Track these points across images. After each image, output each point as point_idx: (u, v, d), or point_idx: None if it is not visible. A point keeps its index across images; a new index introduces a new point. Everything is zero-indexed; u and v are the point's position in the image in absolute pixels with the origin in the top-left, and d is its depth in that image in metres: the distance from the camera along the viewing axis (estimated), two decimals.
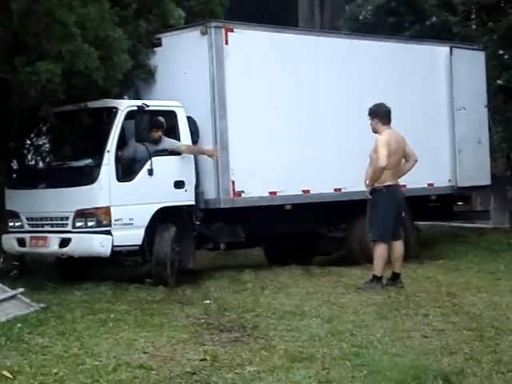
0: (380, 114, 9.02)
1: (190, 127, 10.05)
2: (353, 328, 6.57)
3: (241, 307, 7.71)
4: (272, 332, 6.55)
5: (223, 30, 10.17)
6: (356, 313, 7.27)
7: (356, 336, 6.28)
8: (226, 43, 10.17)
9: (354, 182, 11.07)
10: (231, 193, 10.22)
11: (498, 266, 10.90)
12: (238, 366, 5.46)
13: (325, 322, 6.89)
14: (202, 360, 5.65)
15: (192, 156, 10.03)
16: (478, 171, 12.96)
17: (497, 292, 8.32)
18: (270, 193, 10.65)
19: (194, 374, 5.30)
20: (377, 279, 8.78)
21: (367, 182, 8.97)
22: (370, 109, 9.17)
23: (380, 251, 8.76)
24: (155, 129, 9.67)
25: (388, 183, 8.80)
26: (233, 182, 10.22)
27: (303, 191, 10.99)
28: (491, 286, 8.92)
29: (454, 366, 5.20)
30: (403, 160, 9.09)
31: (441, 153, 12.64)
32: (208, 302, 8.20)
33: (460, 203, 13.54)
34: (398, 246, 8.94)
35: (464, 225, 15.20)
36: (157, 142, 9.70)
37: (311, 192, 11.05)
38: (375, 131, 9.05)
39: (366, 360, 5.43)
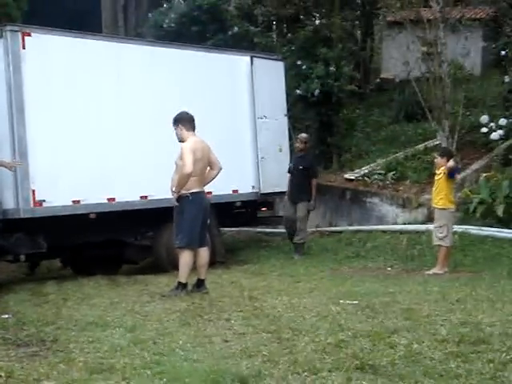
0: (183, 121, 9.07)
1: None
2: (156, 336, 6.53)
3: (41, 320, 7.44)
4: (72, 344, 6.37)
5: (20, 34, 9.84)
6: (160, 321, 7.24)
7: (158, 344, 6.25)
8: (23, 47, 9.84)
9: (159, 189, 11.07)
10: (31, 202, 9.89)
11: (298, 269, 11.31)
12: (35, 381, 5.26)
13: (127, 331, 6.80)
14: None
15: None
16: (279, 178, 13.37)
17: (296, 294, 8.60)
18: (74, 201, 10.42)
19: None
20: (182, 286, 8.81)
21: (173, 188, 8.97)
22: (174, 117, 9.20)
23: (186, 258, 8.79)
24: None
25: (194, 190, 8.84)
26: (33, 191, 9.90)
27: (108, 199, 10.85)
28: (291, 288, 9.21)
29: (251, 369, 5.29)
30: (208, 168, 9.20)
31: (244, 160, 12.95)
32: (6, 316, 7.84)
33: (263, 209, 13.94)
34: (204, 253, 9.01)
35: (268, 230, 15.66)
36: None
37: (116, 200, 10.93)
38: (180, 139, 9.07)
39: (166, 368, 5.41)
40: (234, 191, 12.77)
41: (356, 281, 9.95)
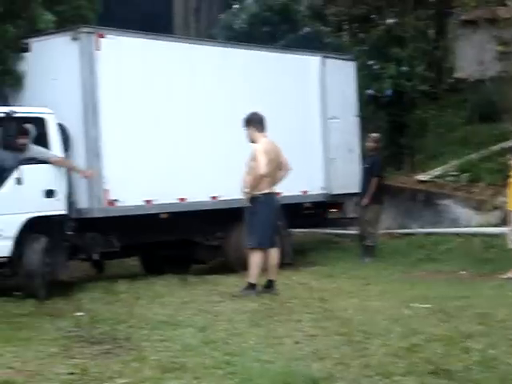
0: (255, 122, 9.10)
1: (60, 135, 9.81)
2: (226, 336, 6.56)
3: (113, 319, 7.56)
4: (144, 343, 6.45)
5: (94, 36, 9.98)
6: (230, 321, 7.27)
7: (229, 344, 6.27)
8: (98, 49, 9.99)
9: (230, 190, 11.11)
10: (105, 202, 10.02)
11: (368, 271, 11.20)
12: (108, 379, 5.35)
13: (198, 331, 6.85)
14: (70, 374, 5.50)
15: None
16: (349, 179, 13.26)
17: (366, 297, 8.53)
18: (146, 201, 10.52)
19: None
20: (252, 286, 8.82)
21: (246, 189, 8.99)
22: (245, 118, 9.22)
23: (257, 259, 8.80)
24: (19, 135, 9.37)
25: (266, 191, 8.88)
26: (106, 191, 10.03)
27: (179, 199, 10.92)
28: (361, 291, 9.14)
29: (323, 371, 5.26)
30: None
31: (314, 161, 12.88)
32: (80, 314, 7.99)
33: (333, 210, 13.84)
34: (274, 254, 9.02)
35: (337, 231, 15.55)
36: (22, 149, 9.41)
37: (187, 200, 10.99)
38: (251, 140, 9.10)
39: (237, 368, 5.42)
40: (304, 192, 12.71)
41: (428, 284, 9.82)
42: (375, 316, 7.24)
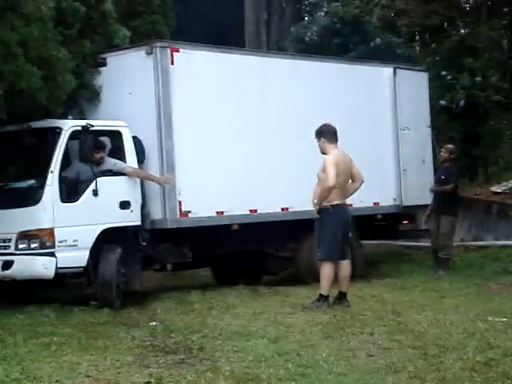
0: (326, 134, 9.10)
1: (135, 147, 9.99)
2: (299, 348, 6.56)
3: (187, 328, 7.64)
4: (218, 353, 6.50)
5: (169, 50, 10.16)
6: (302, 332, 7.27)
7: (302, 356, 6.26)
8: (172, 63, 10.16)
9: (300, 201, 11.12)
10: (178, 213, 10.16)
11: (442, 284, 11.03)
12: None
13: (271, 342, 6.87)
14: (146, 383, 5.59)
15: None
16: (422, 190, 13.11)
17: (441, 310, 8.40)
18: (218, 212, 10.62)
19: None
20: (323, 298, 8.80)
21: (315, 201, 8.99)
22: (317, 129, 9.23)
23: (327, 270, 8.78)
24: (97, 150, 9.59)
25: (335, 202, 8.85)
26: (179, 202, 10.17)
27: (250, 211, 10.99)
28: (435, 304, 9.00)
29: None
30: (350, 180, 9.16)
31: (386, 172, 12.79)
32: (154, 323, 8.11)
33: (405, 222, 13.70)
34: (346, 266, 8.98)
35: (410, 243, 15.37)
36: (99, 162, 9.62)
37: (258, 212, 11.06)
38: (323, 152, 9.09)
39: (311, 380, 5.42)
40: (375, 203, 12.62)
41: (504, 298, 9.60)
42: (450, 329, 7.13)
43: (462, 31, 15.98)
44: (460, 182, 14.41)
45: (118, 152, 9.93)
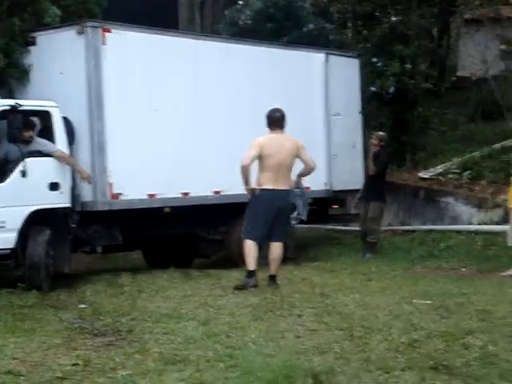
0: (266, 120, 9.24)
1: (65, 128, 9.86)
2: (228, 330, 6.61)
3: (116, 311, 7.62)
4: (147, 335, 6.50)
5: (100, 30, 10.02)
6: (232, 314, 7.32)
7: (231, 337, 6.32)
8: (104, 43, 10.03)
9: (232, 184, 11.16)
10: (109, 195, 10.08)
11: (369, 267, 11.23)
12: (111, 370, 5.40)
13: (201, 324, 6.90)
14: (73, 365, 5.56)
15: None
16: (351, 175, 13.31)
17: (368, 292, 8.57)
18: (149, 195, 10.58)
19: (65, 379, 5.22)
20: (249, 274, 8.89)
21: (244, 185, 9.08)
22: None
23: (246, 248, 8.94)
24: (26, 128, 9.43)
25: (264, 186, 8.96)
26: (110, 185, 10.08)
27: (182, 194, 10.98)
28: (363, 286, 9.17)
29: (324, 365, 5.31)
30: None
31: (317, 157, 12.83)
32: (83, 306, 8.07)
33: (335, 206, 13.89)
34: (275, 248, 9.09)
35: (339, 227, 15.60)
36: (28, 142, 9.47)
37: (190, 195, 11.06)
38: None
39: (239, 361, 5.47)
40: (306, 188, 12.70)
41: (429, 281, 9.85)
42: (376, 311, 7.28)
43: (393, 19, 16.18)
44: (389, 167, 14.67)
45: (47, 133, 9.76)
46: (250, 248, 8.92)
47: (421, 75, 16.23)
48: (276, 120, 9.18)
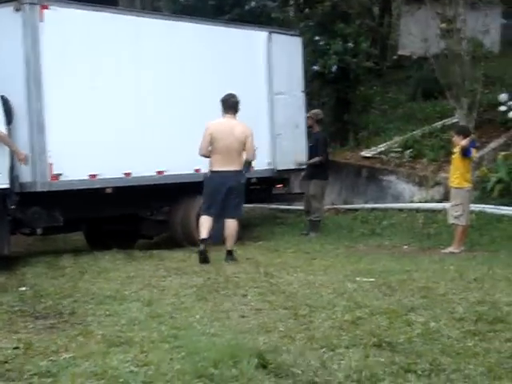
0: (221, 104, 9.61)
1: (3, 107, 9.61)
2: (172, 310, 6.56)
3: (58, 293, 7.49)
4: (90, 317, 6.42)
5: (38, 7, 9.76)
6: (176, 295, 7.27)
7: (175, 318, 6.28)
8: (41, 20, 9.78)
9: (175, 164, 11.10)
10: (48, 176, 9.88)
11: (313, 246, 11.31)
12: (53, 353, 5.30)
13: (145, 305, 6.84)
14: (14, 348, 5.44)
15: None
16: (295, 155, 13.32)
17: (312, 271, 8.61)
18: (90, 176, 10.40)
19: (6, 362, 5.10)
20: (201, 241, 9.45)
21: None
22: None
23: (201, 221, 9.63)
24: None
25: (213, 168, 9.53)
26: (50, 165, 9.87)
27: (124, 174, 10.84)
28: (307, 265, 9.21)
29: (269, 344, 5.31)
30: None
31: (260, 136, 12.84)
32: (23, 288, 7.91)
33: (279, 186, 13.91)
34: (229, 225, 9.53)
35: (283, 207, 15.65)
36: None
37: (133, 175, 10.91)
38: None
39: (184, 342, 5.43)
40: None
41: (372, 258, 9.95)
42: (320, 290, 7.32)
43: None
44: (331, 146, 14.77)
45: None
46: (203, 221, 9.56)
47: (363, 54, 16.32)
48: (230, 105, 9.62)
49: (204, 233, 9.48)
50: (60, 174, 9.98)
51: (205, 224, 9.53)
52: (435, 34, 15.69)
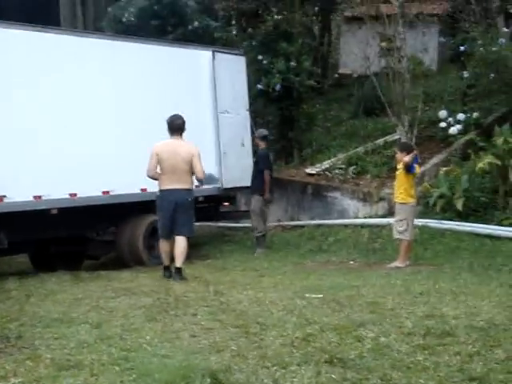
0: (167, 125, 9.67)
1: None
2: (122, 332, 6.49)
3: (4, 317, 7.33)
4: (38, 341, 6.30)
5: None
6: (125, 316, 7.20)
7: (125, 340, 6.21)
8: None
9: (122, 184, 11.05)
10: None
11: (261, 263, 11.34)
12: (2, 379, 5.19)
13: (93, 327, 6.75)
14: None
15: None
16: (241, 173, 13.39)
17: (261, 289, 8.61)
18: (35, 197, 10.29)
19: None
20: (164, 268, 9.66)
21: None
22: None
23: (160, 246, 9.82)
24: None
25: (162, 188, 9.60)
26: None
27: (70, 195, 10.75)
28: (256, 283, 9.22)
29: (221, 364, 5.30)
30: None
31: (207, 155, 12.85)
32: None
33: (226, 204, 13.94)
34: (178, 242, 9.56)
35: (230, 225, 15.66)
36: None
37: (78, 195, 10.84)
38: None
39: (135, 364, 5.38)
40: (196, 186, 12.68)
41: (320, 275, 10.00)
42: (270, 307, 7.32)
43: (276, 17, 16.36)
44: (276, 164, 14.87)
45: None
46: (162, 246, 9.73)
47: (305, 72, 16.49)
48: (176, 127, 9.65)
49: (165, 260, 9.65)
50: (4, 196, 9.85)
51: (164, 249, 9.67)
52: (375, 52, 15.96)
